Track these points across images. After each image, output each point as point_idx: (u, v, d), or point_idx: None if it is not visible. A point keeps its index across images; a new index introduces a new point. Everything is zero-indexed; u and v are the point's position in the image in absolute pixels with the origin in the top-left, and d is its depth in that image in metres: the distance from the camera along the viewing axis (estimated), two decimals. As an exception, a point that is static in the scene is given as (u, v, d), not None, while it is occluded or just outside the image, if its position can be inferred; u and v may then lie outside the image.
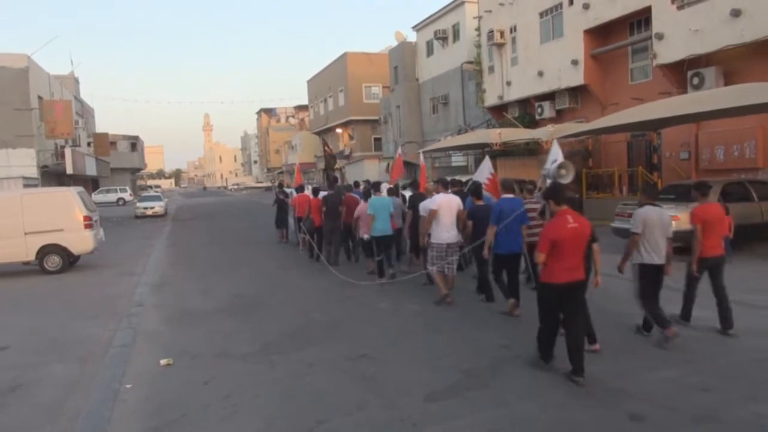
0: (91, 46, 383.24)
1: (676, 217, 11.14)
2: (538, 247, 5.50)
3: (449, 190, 9.25)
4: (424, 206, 8.93)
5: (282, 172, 71.30)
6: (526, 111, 23.91)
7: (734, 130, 15.30)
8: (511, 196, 7.99)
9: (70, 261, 13.32)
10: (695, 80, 15.62)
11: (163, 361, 6.35)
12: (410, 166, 34.69)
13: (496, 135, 20.04)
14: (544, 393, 5.08)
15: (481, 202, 8.53)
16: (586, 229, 5.59)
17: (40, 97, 29.90)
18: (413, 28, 34.96)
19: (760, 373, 5.30)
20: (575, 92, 21.14)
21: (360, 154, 44.27)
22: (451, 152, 28.41)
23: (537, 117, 22.65)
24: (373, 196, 10.49)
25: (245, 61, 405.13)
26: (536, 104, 22.73)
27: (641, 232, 6.46)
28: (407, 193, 12.55)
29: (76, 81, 45.37)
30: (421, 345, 6.64)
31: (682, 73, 16.31)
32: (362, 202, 11.00)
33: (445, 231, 8.36)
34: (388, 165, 34.66)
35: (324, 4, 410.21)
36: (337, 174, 19.89)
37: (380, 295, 9.22)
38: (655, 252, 6.41)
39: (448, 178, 10.11)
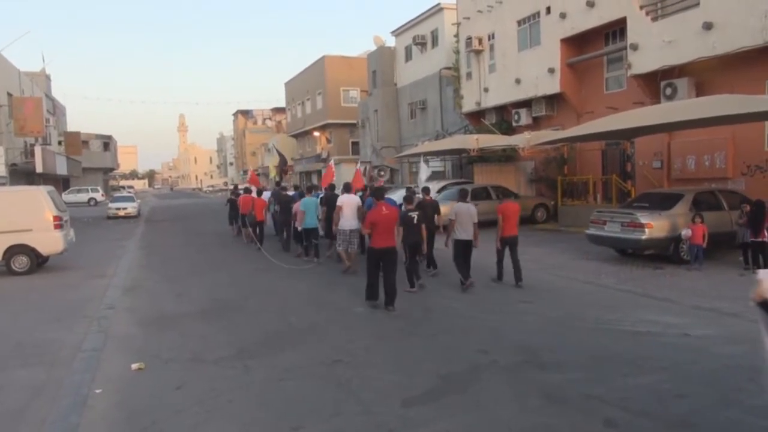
0: (64, 43, 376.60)
1: (650, 225, 11.36)
2: (363, 225, 8.80)
3: (353, 192, 12.61)
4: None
5: (258, 174, 70.72)
6: (503, 117, 24.11)
7: (705, 141, 15.64)
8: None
9: (38, 262, 12.97)
10: (668, 91, 15.92)
11: (134, 366, 6.20)
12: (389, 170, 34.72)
13: (474, 141, 20.20)
14: (520, 398, 5.08)
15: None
16: (394, 215, 8.52)
17: (9, 94, 29.18)
18: (392, 33, 35.02)
19: (732, 379, 5.38)
20: (551, 100, 21.39)
21: (337, 158, 44.07)
22: (428, 157, 28.49)
23: (514, 124, 22.84)
24: (305, 197, 13.62)
25: (222, 62, 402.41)
26: (513, 111, 22.92)
27: (456, 218, 9.75)
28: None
29: (48, 78, 44.38)
30: (397, 350, 6.60)
31: (655, 84, 16.62)
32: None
33: (347, 221, 11.45)
34: (365, 169, 34.65)
35: (303, 7, 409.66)
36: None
37: (357, 300, 9.16)
38: (465, 232, 9.70)
39: (351, 184, 13.39)
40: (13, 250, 12.46)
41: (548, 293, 9.43)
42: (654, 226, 11.37)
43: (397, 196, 19.64)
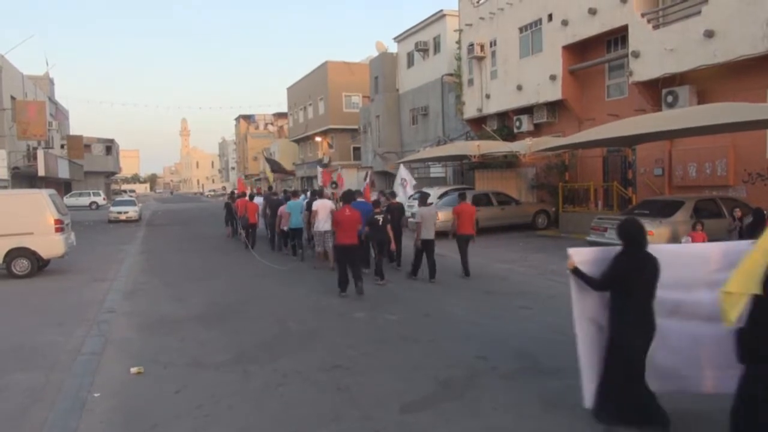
0: (68, 48, 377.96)
1: (650, 232, 11.32)
2: (332, 224, 10.62)
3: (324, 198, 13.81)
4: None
5: (259, 179, 70.86)
6: (504, 124, 24.15)
7: (706, 148, 15.64)
8: (361, 200, 12.15)
9: (39, 265, 12.98)
10: (669, 98, 15.94)
11: (133, 370, 6.20)
12: (389, 176, 34.80)
13: (475, 147, 20.23)
14: (519, 405, 5.08)
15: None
16: (356, 217, 9.95)
17: (13, 98, 29.28)
18: (394, 39, 35.15)
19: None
20: (553, 107, 21.42)
21: (338, 163, 44.13)
22: (429, 163, 28.53)
23: (515, 130, 22.87)
24: (290, 200, 15.06)
25: (224, 67, 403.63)
26: (514, 117, 22.95)
27: (421, 221, 11.03)
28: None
29: (51, 82, 44.54)
30: (396, 355, 6.60)
31: (656, 91, 16.64)
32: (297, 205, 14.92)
33: (321, 223, 12.55)
34: (366, 174, 34.68)
35: (306, 13, 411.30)
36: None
37: (356, 305, 9.16)
38: (428, 232, 11.02)
39: (326, 190, 15.81)
40: (14, 254, 12.47)
41: (549, 299, 9.41)
42: (654, 233, 11.34)
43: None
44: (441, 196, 20.08)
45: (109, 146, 59.91)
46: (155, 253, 17.26)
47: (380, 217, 10.91)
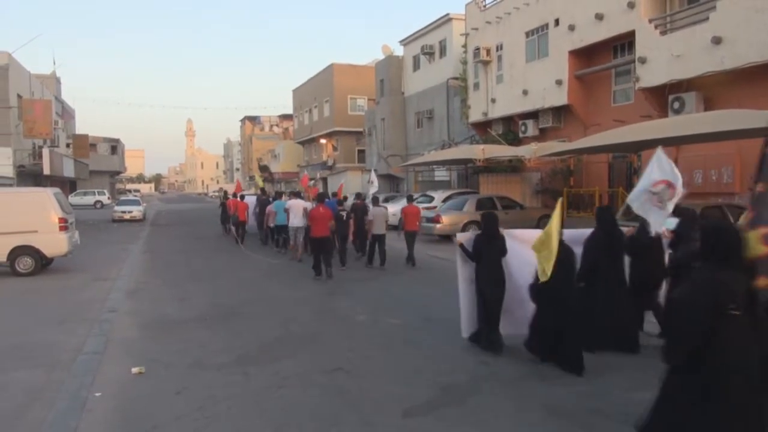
0: (75, 47, 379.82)
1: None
2: (308, 220, 12.37)
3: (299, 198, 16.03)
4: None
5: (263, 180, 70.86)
6: (509, 128, 24.10)
7: (713, 155, 15.56)
8: (327, 199, 13.96)
9: (42, 263, 13.00)
10: (676, 104, 15.88)
11: (134, 370, 6.18)
12: (393, 179, 34.80)
13: (480, 151, 20.19)
14: (521, 412, 5.03)
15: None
16: (328, 214, 11.82)
17: (19, 96, 29.35)
18: (400, 42, 35.14)
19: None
20: (558, 112, 21.37)
21: (343, 165, 44.14)
22: (434, 167, 28.50)
23: (520, 135, 22.83)
24: (276, 200, 16.95)
25: (230, 68, 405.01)
26: (520, 122, 22.92)
27: (372, 219, 12.92)
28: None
29: (58, 81, 44.65)
30: (398, 359, 6.56)
31: (663, 97, 16.57)
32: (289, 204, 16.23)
33: (296, 220, 14.09)
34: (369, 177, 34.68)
35: (312, 15, 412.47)
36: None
37: (359, 308, 9.13)
38: (379, 228, 12.87)
39: (300, 192, 18.37)
40: (18, 251, 12.49)
41: (552, 305, 9.36)
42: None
43: (399, 205, 19.89)
44: (445, 200, 20.05)
45: (115, 146, 60.07)
46: (158, 252, 17.28)
47: (344, 213, 13.06)
